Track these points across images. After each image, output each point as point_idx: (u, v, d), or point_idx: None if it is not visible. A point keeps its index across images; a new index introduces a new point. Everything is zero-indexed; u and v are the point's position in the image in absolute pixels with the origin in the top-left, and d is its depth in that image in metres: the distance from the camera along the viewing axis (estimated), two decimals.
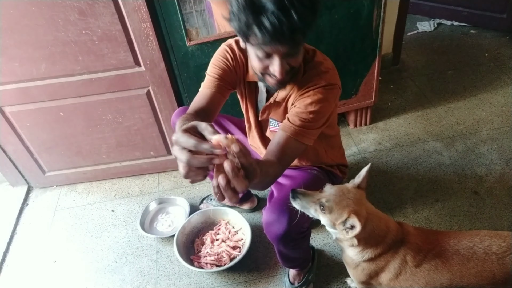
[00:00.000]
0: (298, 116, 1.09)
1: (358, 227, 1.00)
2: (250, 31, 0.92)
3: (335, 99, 1.15)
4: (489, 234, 1.11)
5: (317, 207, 1.07)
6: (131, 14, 1.52)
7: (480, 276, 1.07)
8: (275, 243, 1.23)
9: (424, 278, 1.12)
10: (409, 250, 1.12)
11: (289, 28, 0.88)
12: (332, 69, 1.16)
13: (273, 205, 1.19)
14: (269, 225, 1.19)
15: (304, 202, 1.08)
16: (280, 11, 0.86)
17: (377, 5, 1.70)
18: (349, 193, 1.07)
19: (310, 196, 1.09)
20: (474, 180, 1.87)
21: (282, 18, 0.86)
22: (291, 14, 0.87)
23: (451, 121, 2.21)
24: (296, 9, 0.87)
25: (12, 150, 1.94)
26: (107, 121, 1.86)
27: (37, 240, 1.90)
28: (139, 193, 2.06)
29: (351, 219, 1.02)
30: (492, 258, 1.06)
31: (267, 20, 0.87)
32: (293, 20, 0.87)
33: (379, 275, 1.15)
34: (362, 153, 2.08)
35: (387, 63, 2.60)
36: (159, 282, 1.66)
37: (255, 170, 0.74)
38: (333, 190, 1.08)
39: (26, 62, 1.62)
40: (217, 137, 0.71)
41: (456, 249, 1.10)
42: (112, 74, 1.69)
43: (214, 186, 0.71)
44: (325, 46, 1.78)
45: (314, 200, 1.07)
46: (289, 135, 1.08)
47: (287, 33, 0.89)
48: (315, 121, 1.10)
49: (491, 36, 2.84)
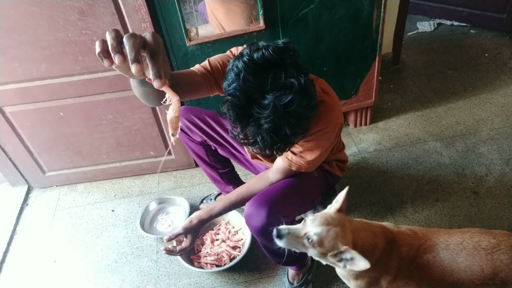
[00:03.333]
0: (302, 159, 1.17)
1: (362, 262, 0.97)
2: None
3: (336, 135, 1.20)
4: (480, 231, 1.13)
5: (304, 242, 1.04)
6: (131, 14, 1.52)
7: (469, 270, 1.08)
8: (256, 235, 1.25)
9: (418, 274, 1.12)
10: (402, 248, 1.13)
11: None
12: (334, 106, 1.15)
13: (255, 198, 1.22)
14: (248, 218, 1.21)
15: (291, 239, 1.05)
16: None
17: (377, 5, 1.70)
18: (333, 221, 1.04)
19: (295, 231, 1.06)
20: (474, 180, 1.87)
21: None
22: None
23: (451, 121, 2.21)
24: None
25: (12, 150, 1.94)
26: (107, 121, 1.86)
27: (37, 240, 1.90)
28: (139, 193, 2.06)
29: (349, 253, 0.99)
30: (481, 253, 1.08)
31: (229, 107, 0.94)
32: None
33: (379, 280, 1.15)
34: (362, 153, 2.08)
35: (387, 63, 2.60)
36: (159, 282, 1.66)
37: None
38: (317, 221, 1.05)
39: (26, 62, 1.62)
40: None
41: (446, 244, 1.12)
42: (112, 74, 1.68)
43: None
44: (325, 46, 1.78)
45: (300, 235, 1.05)
46: (294, 169, 1.20)
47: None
48: (319, 159, 1.19)
49: (491, 36, 2.84)
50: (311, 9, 1.65)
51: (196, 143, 1.57)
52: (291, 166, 1.20)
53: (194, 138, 1.55)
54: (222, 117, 1.00)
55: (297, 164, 1.18)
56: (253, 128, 0.96)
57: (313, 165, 1.20)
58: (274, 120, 0.92)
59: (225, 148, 1.55)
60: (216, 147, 1.56)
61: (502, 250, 1.07)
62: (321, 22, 1.71)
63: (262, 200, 1.19)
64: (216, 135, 1.52)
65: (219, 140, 1.53)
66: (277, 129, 0.94)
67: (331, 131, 1.13)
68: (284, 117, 0.93)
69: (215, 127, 1.51)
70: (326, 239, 1.02)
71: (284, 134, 0.96)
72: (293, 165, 1.19)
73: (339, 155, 1.46)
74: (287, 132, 0.95)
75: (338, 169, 1.46)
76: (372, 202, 1.83)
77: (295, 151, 1.16)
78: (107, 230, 1.90)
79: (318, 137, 1.12)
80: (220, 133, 1.51)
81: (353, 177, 1.94)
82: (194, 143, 1.57)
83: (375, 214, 1.78)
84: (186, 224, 1.27)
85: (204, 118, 1.51)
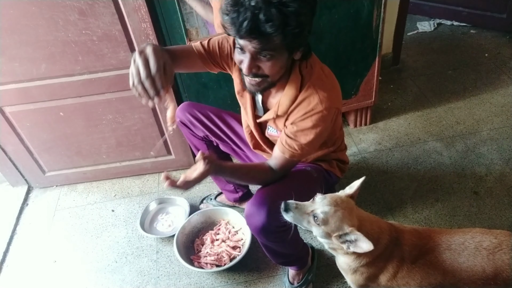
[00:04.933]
0: (296, 142, 1.16)
1: (366, 244, 0.98)
2: (226, 22, 0.97)
3: (332, 120, 1.19)
4: (481, 231, 1.13)
5: (310, 219, 1.05)
6: (131, 14, 1.52)
7: (471, 271, 1.08)
8: (256, 235, 1.25)
9: (419, 274, 1.12)
10: (405, 247, 1.12)
11: (258, 23, 0.92)
12: (332, 89, 1.16)
13: (255, 197, 1.21)
14: (249, 217, 1.21)
15: (297, 214, 1.07)
16: (257, 6, 0.92)
17: (377, 5, 1.70)
18: (342, 203, 1.05)
19: (303, 207, 1.07)
20: (474, 180, 1.87)
21: (256, 12, 0.92)
22: (267, 11, 0.91)
23: (451, 121, 2.21)
24: (276, 8, 0.91)
25: (12, 150, 1.94)
26: (107, 121, 1.86)
27: (37, 240, 1.90)
28: (139, 193, 2.06)
29: (354, 235, 1.00)
30: (483, 253, 1.08)
31: (243, 12, 0.92)
32: (267, 17, 0.91)
33: (378, 277, 1.15)
34: (362, 153, 2.08)
35: (387, 63, 2.60)
36: (159, 282, 1.66)
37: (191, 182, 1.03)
38: (326, 200, 1.06)
39: (26, 62, 1.62)
40: None
41: (448, 244, 1.11)
42: (112, 74, 1.69)
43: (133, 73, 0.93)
44: (325, 46, 1.78)
45: (307, 211, 1.06)
46: (287, 157, 1.19)
47: (256, 28, 0.93)
48: (312, 145, 1.18)
49: (491, 36, 2.84)
50: None
51: (199, 138, 1.57)
52: (284, 153, 1.19)
53: (196, 133, 1.55)
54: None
55: (290, 150, 1.17)
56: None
57: (306, 151, 1.19)
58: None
59: (226, 144, 1.57)
60: (218, 142, 1.57)
61: (504, 250, 1.07)
62: (321, 22, 1.71)
63: (262, 199, 1.19)
64: (219, 130, 1.53)
65: (221, 135, 1.54)
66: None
67: (327, 113, 1.13)
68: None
69: (218, 122, 1.52)
70: (332, 219, 1.03)
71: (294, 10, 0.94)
72: (286, 151, 1.18)
73: (340, 154, 1.46)
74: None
75: (338, 169, 1.45)
76: (372, 202, 1.83)
77: (289, 133, 1.16)
78: (107, 230, 1.90)
79: (314, 117, 1.13)
80: (222, 129, 1.53)
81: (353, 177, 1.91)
82: (196, 138, 1.58)
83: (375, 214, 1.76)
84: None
85: (207, 114, 1.52)
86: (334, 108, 1.16)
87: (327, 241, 1.09)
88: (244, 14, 0.92)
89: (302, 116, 1.14)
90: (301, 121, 1.14)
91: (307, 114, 1.13)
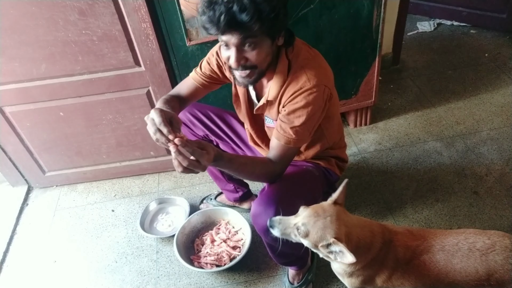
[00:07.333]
0: (289, 125, 1.15)
1: (349, 257, 0.98)
2: (205, 23, 1.01)
3: (323, 99, 1.17)
4: (475, 232, 1.13)
5: (295, 232, 1.06)
6: (131, 14, 1.52)
7: (464, 272, 1.08)
8: (262, 234, 1.25)
9: (414, 275, 1.12)
10: (399, 249, 1.12)
11: (234, 15, 0.96)
12: (319, 67, 1.17)
13: (262, 197, 1.21)
14: (255, 217, 1.21)
15: (282, 229, 1.07)
16: (229, 0, 0.96)
17: (377, 5, 1.70)
18: (324, 213, 1.05)
19: (286, 221, 1.08)
20: (474, 180, 1.87)
21: (230, 5, 0.96)
22: (240, 2, 0.96)
23: (451, 121, 2.21)
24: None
25: (12, 150, 1.94)
26: (107, 121, 1.86)
27: (37, 240, 1.91)
28: (139, 193, 2.06)
29: (336, 246, 1.00)
30: (476, 254, 1.08)
31: (218, 8, 0.97)
32: (241, 6, 0.96)
33: (374, 279, 1.15)
34: (362, 153, 2.08)
35: (387, 63, 2.60)
36: (159, 282, 1.66)
37: (201, 153, 1.02)
38: (306, 212, 1.06)
39: (26, 62, 1.62)
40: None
41: (442, 246, 1.11)
42: (112, 74, 1.69)
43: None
44: (325, 46, 1.78)
45: (291, 225, 1.06)
46: (283, 143, 1.18)
47: (233, 20, 0.97)
48: (306, 127, 1.16)
49: (491, 36, 2.84)
50: (311, 9, 1.65)
51: (198, 137, 1.57)
52: (280, 140, 1.18)
53: (196, 132, 1.56)
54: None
55: (285, 136, 1.16)
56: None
57: (301, 135, 1.17)
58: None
59: (226, 143, 1.57)
60: (217, 142, 1.58)
61: (497, 251, 1.07)
62: (321, 22, 1.71)
63: (269, 199, 1.19)
64: (219, 130, 1.54)
65: (221, 135, 1.55)
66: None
67: (316, 91, 1.13)
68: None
69: (218, 122, 1.53)
70: (313, 229, 1.02)
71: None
72: (282, 137, 1.17)
73: (339, 152, 1.46)
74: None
75: (337, 167, 1.45)
76: (372, 202, 1.83)
77: (282, 117, 1.16)
78: (107, 230, 1.90)
79: (303, 95, 1.13)
80: (222, 128, 1.54)
81: (353, 177, 1.94)
82: (196, 137, 1.58)
83: (375, 214, 1.78)
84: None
85: (207, 113, 1.53)
86: (322, 85, 1.14)
87: (318, 251, 1.09)
88: (219, 10, 0.97)
89: (292, 96, 1.14)
90: (291, 101, 1.15)
91: (296, 93, 1.14)
